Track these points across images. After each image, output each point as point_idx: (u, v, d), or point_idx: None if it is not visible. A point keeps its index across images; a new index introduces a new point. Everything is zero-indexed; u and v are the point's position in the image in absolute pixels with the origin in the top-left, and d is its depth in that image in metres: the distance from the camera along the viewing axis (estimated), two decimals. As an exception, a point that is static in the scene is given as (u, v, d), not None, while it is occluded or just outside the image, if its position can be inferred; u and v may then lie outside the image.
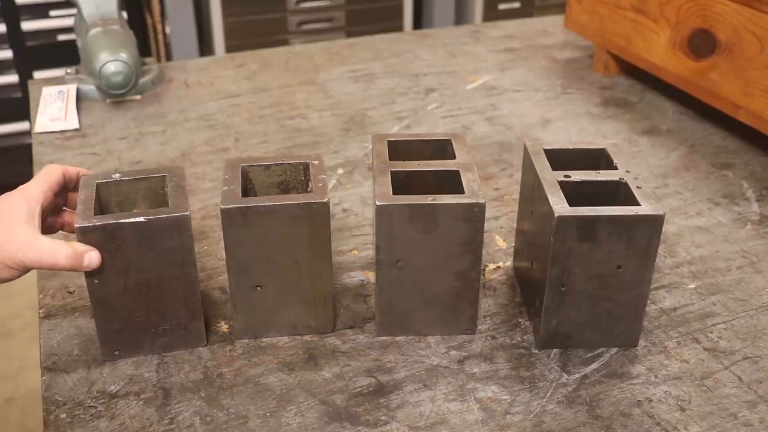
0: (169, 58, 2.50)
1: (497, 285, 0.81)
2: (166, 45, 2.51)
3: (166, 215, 0.66)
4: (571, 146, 0.77)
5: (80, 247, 0.65)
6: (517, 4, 2.70)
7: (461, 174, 0.71)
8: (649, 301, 0.77)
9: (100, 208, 0.70)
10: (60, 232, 0.75)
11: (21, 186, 0.70)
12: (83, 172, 0.73)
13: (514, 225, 0.85)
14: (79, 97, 1.23)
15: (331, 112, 1.21)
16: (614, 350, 0.73)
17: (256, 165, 0.73)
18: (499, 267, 0.84)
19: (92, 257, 0.65)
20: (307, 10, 2.52)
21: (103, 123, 1.17)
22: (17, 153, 2.35)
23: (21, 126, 2.39)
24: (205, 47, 2.54)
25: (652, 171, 1.04)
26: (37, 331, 0.75)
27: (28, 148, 1.13)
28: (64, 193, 0.74)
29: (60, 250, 0.64)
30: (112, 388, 0.68)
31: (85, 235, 0.65)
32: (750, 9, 0.98)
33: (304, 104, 1.24)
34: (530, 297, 0.76)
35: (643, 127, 1.16)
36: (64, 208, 0.75)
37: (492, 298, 0.80)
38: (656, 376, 0.70)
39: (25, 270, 0.66)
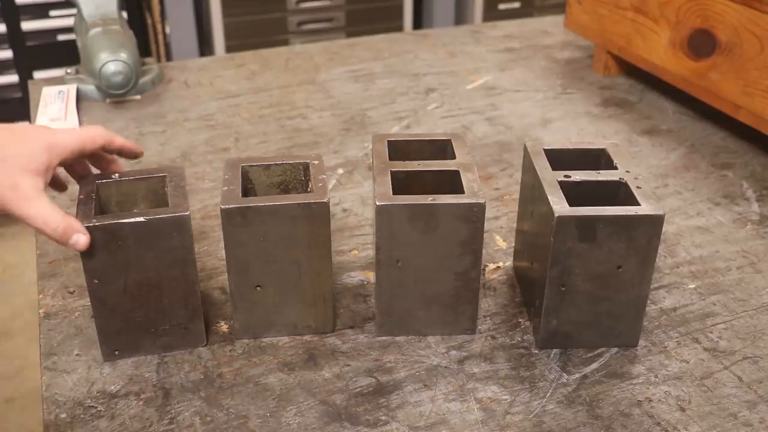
0: (169, 58, 2.50)
1: (497, 285, 0.81)
2: (166, 45, 2.51)
3: (166, 215, 0.66)
4: (571, 146, 0.77)
5: (75, 224, 0.63)
6: (517, 4, 2.70)
7: (461, 174, 0.71)
8: (649, 301, 0.77)
9: (100, 208, 0.70)
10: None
11: (54, 130, 0.67)
12: (128, 145, 0.73)
13: (514, 225, 0.85)
14: (79, 97, 1.23)
15: (331, 112, 1.21)
16: (614, 350, 0.73)
17: (256, 165, 0.73)
18: (499, 267, 0.84)
19: (80, 239, 0.63)
20: (307, 10, 2.52)
21: (103, 123, 1.16)
22: (17, 153, 2.34)
23: (21, 126, 2.38)
24: (205, 47, 2.54)
25: (652, 171, 1.04)
26: (37, 331, 0.75)
27: (28, 148, 1.12)
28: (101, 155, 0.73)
29: (53, 220, 0.62)
30: (112, 388, 0.68)
31: (85, 235, 0.65)
32: (750, 9, 0.98)
33: (304, 104, 1.24)
34: (530, 297, 0.76)
35: (643, 127, 1.16)
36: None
37: (492, 298, 0.80)
38: (656, 376, 0.70)
39: (5, 215, 0.64)
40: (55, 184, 0.74)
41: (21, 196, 0.62)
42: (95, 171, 0.73)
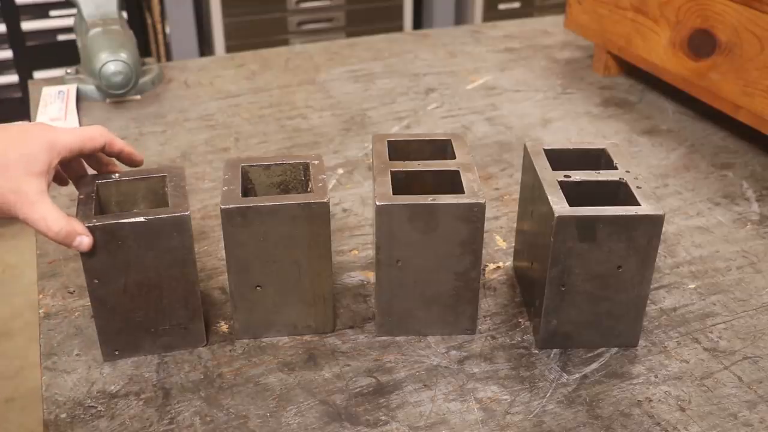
0: (169, 58, 2.50)
1: (497, 285, 0.81)
2: (166, 45, 2.51)
3: (166, 215, 0.66)
4: (571, 146, 0.77)
5: (78, 227, 0.64)
6: (517, 4, 2.70)
7: (461, 174, 0.71)
8: (649, 301, 0.77)
9: (100, 208, 0.70)
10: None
11: (53, 128, 0.67)
12: (128, 149, 0.72)
13: (514, 225, 0.85)
14: (79, 97, 1.23)
15: (331, 112, 1.21)
16: (614, 350, 0.73)
17: (256, 165, 0.73)
18: (499, 267, 0.84)
19: (83, 241, 0.64)
20: (307, 10, 2.52)
21: (103, 123, 1.16)
22: (17, 153, 2.34)
23: (21, 126, 2.38)
24: (205, 47, 2.54)
25: (652, 171, 1.04)
26: (37, 331, 0.75)
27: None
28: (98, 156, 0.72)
29: (56, 222, 0.63)
30: (112, 388, 0.68)
31: (85, 235, 0.65)
32: (750, 9, 0.98)
33: (304, 104, 1.24)
34: (530, 297, 0.76)
35: (643, 127, 1.16)
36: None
37: (492, 298, 0.80)
38: (656, 376, 0.70)
39: (9, 218, 0.64)
40: (57, 179, 0.73)
41: (24, 200, 0.63)
42: (91, 172, 0.73)
